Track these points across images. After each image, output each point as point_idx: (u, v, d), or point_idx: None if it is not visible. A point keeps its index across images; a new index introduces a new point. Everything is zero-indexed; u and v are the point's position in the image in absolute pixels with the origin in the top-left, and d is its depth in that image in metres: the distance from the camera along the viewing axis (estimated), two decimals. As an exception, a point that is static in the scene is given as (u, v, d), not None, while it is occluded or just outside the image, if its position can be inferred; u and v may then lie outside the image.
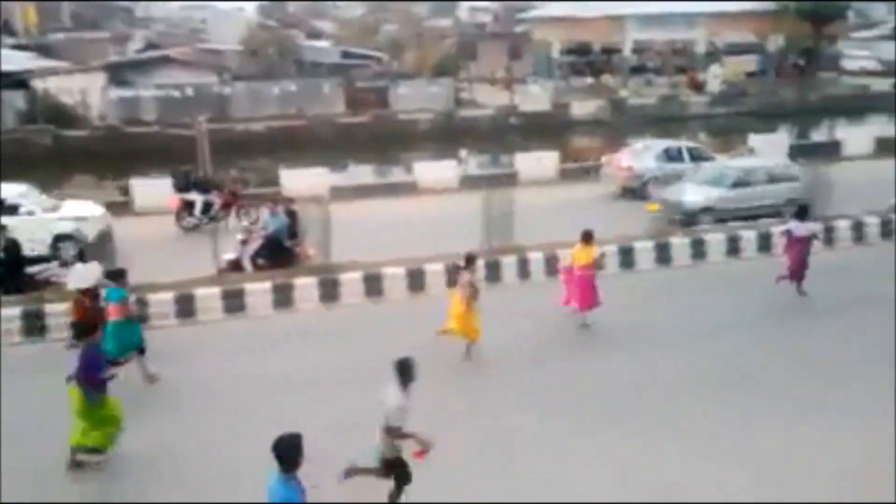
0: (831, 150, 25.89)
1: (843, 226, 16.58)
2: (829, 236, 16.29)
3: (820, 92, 43.45)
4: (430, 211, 19.96)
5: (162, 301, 13.00)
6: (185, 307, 13.07)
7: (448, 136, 35.87)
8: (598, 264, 12.32)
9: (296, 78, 42.06)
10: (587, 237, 12.20)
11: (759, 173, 18.71)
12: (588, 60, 48.24)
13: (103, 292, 10.57)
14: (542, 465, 8.39)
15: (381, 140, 35.14)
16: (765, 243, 16.01)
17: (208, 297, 13.24)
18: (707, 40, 45.98)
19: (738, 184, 18.30)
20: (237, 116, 37.92)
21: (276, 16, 59.24)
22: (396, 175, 28.60)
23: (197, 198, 18.70)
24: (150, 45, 48.83)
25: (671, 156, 21.38)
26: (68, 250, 16.02)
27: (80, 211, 17.17)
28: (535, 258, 14.83)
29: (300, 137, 35.13)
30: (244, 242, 15.25)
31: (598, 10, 43.59)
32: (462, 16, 77.85)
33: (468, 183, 22.27)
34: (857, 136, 28.38)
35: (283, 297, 13.54)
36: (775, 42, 45.40)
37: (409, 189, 23.02)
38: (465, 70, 48.11)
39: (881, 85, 45.21)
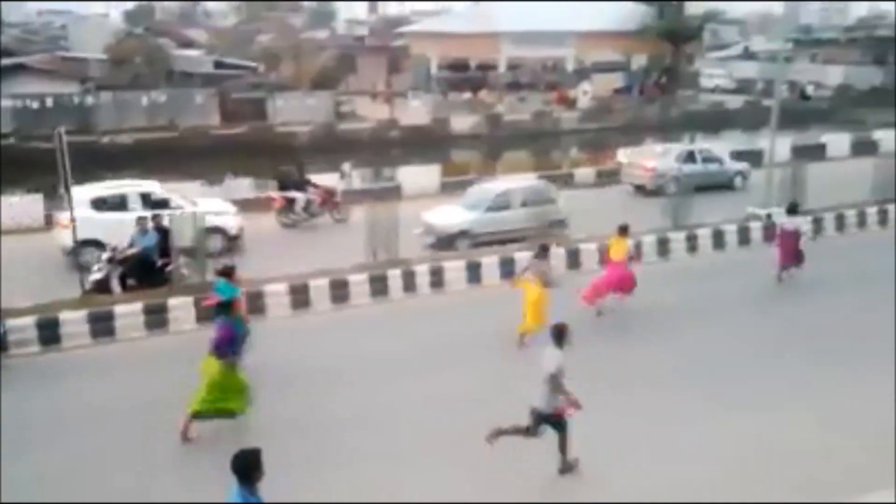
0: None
1: (703, 233, 17.70)
2: (690, 244, 17.41)
3: (680, 108, 46.31)
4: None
5: (22, 327, 12.09)
6: (48, 333, 12.21)
7: (329, 149, 35.52)
8: (631, 255, 13.72)
9: (166, 88, 40.42)
10: (623, 231, 13.55)
11: (518, 196, 18.16)
12: (465, 76, 49.23)
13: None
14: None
15: (259, 153, 34.24)
16: (509, 269, 14.79)
17: (74, 321, 12.42)
18: (576, 58, 47.99)
19: (495, 207, 17.79)
20: (102, 128, 35.98)
21: (143, 23, 56.71)
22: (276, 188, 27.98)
23: (298, 196, 19.98)
24: (5, 52, 45.44)
25: (686, 158, 23.64)
26: (215, 242, 16.68)
27: (219, 206, 18.00)
28: (421, 271, 14.91)
29: (172, 150, 33.74)
30: (111, 261, 14.41)
31: (474, 27, 44.59)
32: (339, 28, 77.59)
33: (351, 196, 22.09)
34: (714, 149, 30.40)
35: (156, 318, 12.91)
36: (639, 61, 48.04)
37: (290, 203, 22.57)
38: (344, 83, 47.87)
39: (735, 102, 48.80)
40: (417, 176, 24.84)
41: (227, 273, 11.09)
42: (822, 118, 43.32)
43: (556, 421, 8.16)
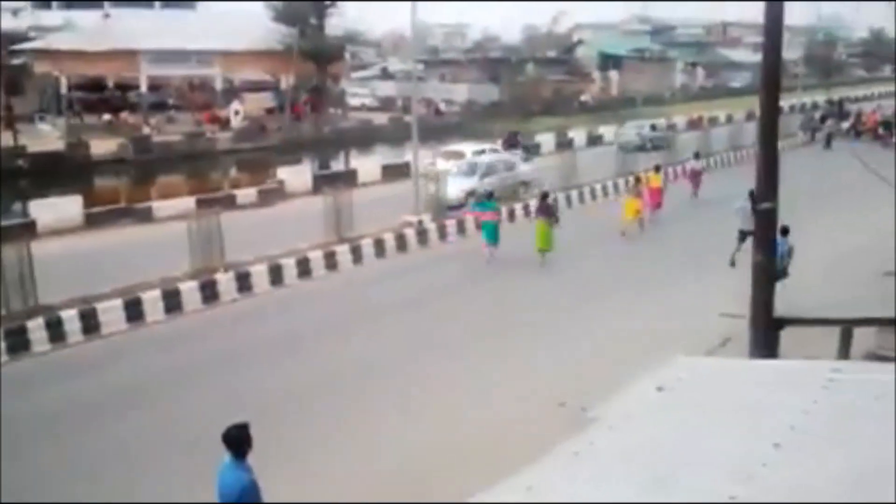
0: (349, 178, 28.81)
1: (366, 243, 18.64)
2: (355, 255, 18.19)
3: (332, 126, 48.07)
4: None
5: None
6: None
7: (-67, 185, 29.97)
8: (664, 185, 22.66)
9: None
10: (657, 168, 22.78)
11: None
12: (102, 97, 45.22)
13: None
14: None
15: None
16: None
17: None
18: (224, 77, 47.10)
19: None
20: None
21: None
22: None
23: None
24: None
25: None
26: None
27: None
28: (70, 316, 13.35)
29: None
30: None
31: (106, 45, 41.21)
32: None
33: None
34: (367, 165, 32.23)
35: None
36: (287, 81, 48.74)
37: None
38: (-53, 108, 40.75)
39: (380, 118, 52.05)
40: (55, 208, 22.16)
41: (488, 196, 19.65)
42: (455, 131, 48.27)
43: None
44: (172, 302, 14.67)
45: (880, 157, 25.51)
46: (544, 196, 18.79)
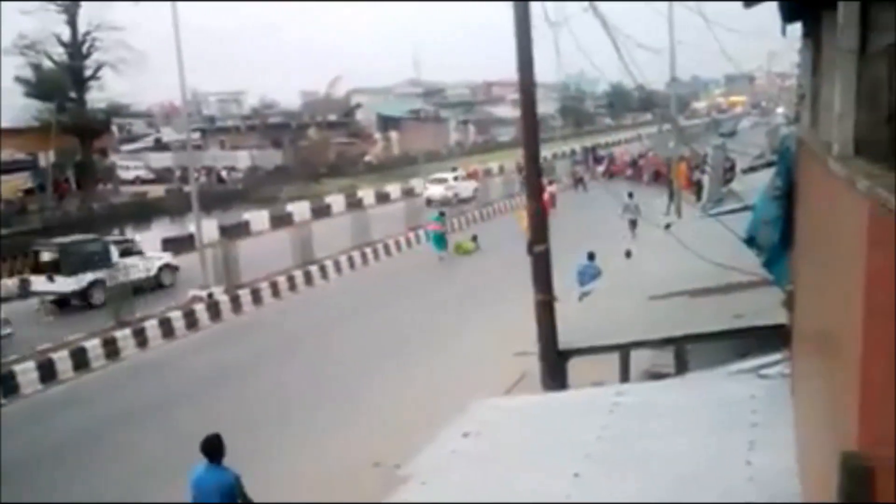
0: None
1: (151, 325, 17.33)
2: (139, 339, 16.86)
3: (102, 202, 44.68)
4: None
5: None
6: None
7: None
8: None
9: None
10: (549, 182, 27.02)
11: None
12: None
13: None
14: None
15: None
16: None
17: None
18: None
19: None
20: None
21: None
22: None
23: None
24: None
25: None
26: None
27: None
28: None
29: None
30: None
31: None
32: None
33: None
34: (147, 239, 30.21)
35: None
36: (47, 158, 44.71)
37: None
38: None
39: (157, 191, 49.18)
40: None
41: (442, 213, 25.96)
42: (240, 198, 46.90)
43: None
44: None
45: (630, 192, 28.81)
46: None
